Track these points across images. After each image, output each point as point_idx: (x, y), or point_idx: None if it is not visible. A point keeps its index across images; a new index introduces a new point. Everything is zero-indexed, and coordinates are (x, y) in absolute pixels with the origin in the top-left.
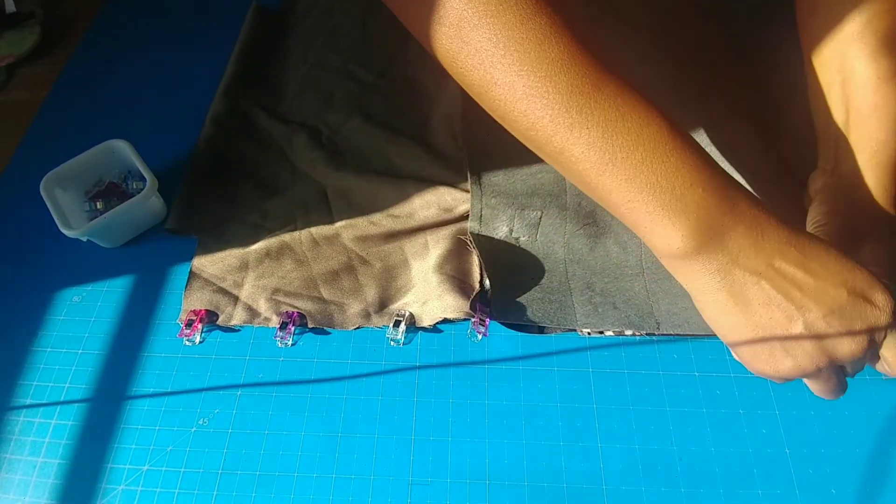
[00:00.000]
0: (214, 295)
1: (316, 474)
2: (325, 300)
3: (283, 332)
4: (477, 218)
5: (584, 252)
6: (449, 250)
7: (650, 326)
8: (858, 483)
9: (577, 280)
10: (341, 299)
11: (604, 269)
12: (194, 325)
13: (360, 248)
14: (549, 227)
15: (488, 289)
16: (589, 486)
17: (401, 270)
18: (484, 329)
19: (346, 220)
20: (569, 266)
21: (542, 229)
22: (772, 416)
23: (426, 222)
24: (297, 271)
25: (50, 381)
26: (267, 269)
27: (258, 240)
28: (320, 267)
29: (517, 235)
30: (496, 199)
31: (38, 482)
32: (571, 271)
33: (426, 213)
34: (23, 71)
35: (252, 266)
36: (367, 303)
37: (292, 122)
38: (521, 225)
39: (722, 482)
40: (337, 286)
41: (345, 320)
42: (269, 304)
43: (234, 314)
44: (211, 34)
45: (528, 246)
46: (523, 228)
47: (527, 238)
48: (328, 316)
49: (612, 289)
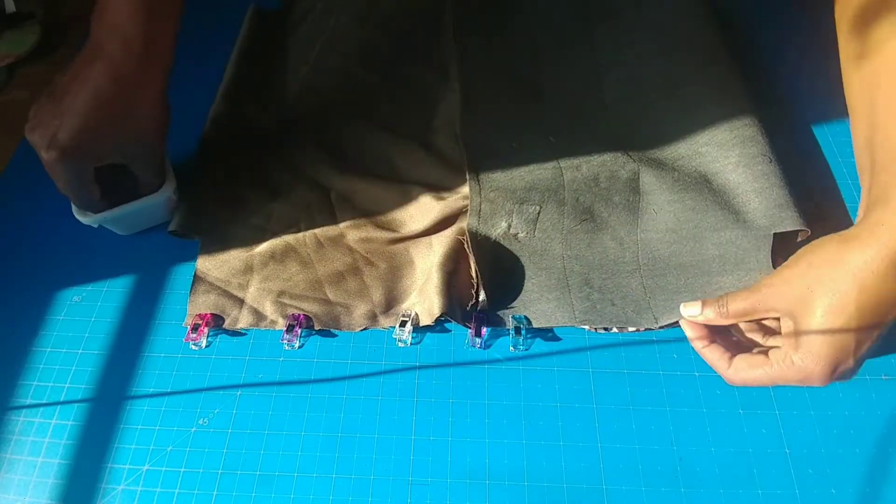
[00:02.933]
0: (220, 298)
1: (316, 474)
2: (330, 302)
3: (290, 335)
4: (476, 213)
5: (582, 248)
6: (452, 249)
7: (648, 322)
8: (858, 483)
9: (576, 276)
10: (347, 301)
11: (601, 265)
12: (200, 329)
13: (365, 249)
14: (548, 222)
15: (483, 301)
16: (589, 486)
17: (406, 271)
18: (480, 340)
19: (351, 221)
20: (567, 262)
21: (540, 224)
22: (772, 416)
23: (430, 229)
24: (303, 273)
25: (50, 381)
26: (272, 271)
27: (262, 242)
28: (325, 269)
29: (515, 231)
30: (495, 192)
31: (38, 482)
32: (569, 267)
33: (430, 219)
34: (23, 71)
35: (257, 269)
36: (373, 304)
37: (294, 125)
38: (519, 220)
39: (722, 482)
40: (342, 288)
41: (351, 322)
42: (275, 306)
43: (241, 317)
44: (210, 36)
45: (526, 242)
46: (522, 224)
47: (525, 234)
48: (334, 318)
49: (610, 285)
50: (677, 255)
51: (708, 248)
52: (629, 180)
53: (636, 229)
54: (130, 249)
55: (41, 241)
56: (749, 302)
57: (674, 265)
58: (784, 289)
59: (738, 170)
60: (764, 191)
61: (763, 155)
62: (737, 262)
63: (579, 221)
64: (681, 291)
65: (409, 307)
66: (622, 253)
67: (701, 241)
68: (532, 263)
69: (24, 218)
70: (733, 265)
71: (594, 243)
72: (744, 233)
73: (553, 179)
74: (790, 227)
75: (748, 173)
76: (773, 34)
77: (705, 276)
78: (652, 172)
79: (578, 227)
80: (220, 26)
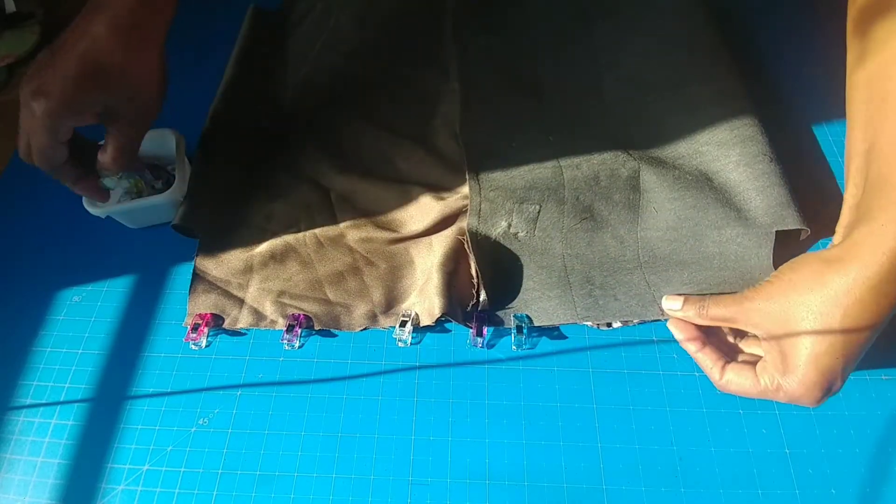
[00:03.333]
0: (219, 298)
1: (316, 474)
2: (330, 302)
3: (290, 335)
4: (476, 213)
5: (582, 246)
6: (452, 249)
7: (654, 314)
8: (858, 483)
9: (577, 274)
10: (347, 301)
11: (602, 263)
12: (200, 329)
13: (365, 249)
14: (548, 221)
15: (485, 299)
16: (589, 486)
17: (407, 271)
18: (482, 340)
19: (352, 221)
20: (567, 261)
21: (540, 223)
22: (772, 416)
23: (431, 229)
24: (303, 273)
25: (50, 381)
26: (272, 271)
27: (262, 242)
28: (326, 269)
29: (515, 231)
30: (494, 192)
31: (38, 482)
32: (570, 266)
33: (430, 220)
34: (23, 71)
35: (257, 269)
36: (373, 304)
37: (294, 125)
38: (519, 219)
39: (722, 482)
40: (343, 288)
41: (351, 322)
42: (275, 306)
43: (240, 317)
44: (210, 36)
45: (526, 241)
46: (522, 223)
47: (525, 233)
48: (334, 318)
49: (612, 282)
50: (678, 253)
51: (708, 246)
52: (629, 178)
53: (636, 227)
54: (130, 249)
55: (41, 241)
56: (730, 311)
57: (675, 262)
58: (764, 306)
59: (738, 168)
60: (765, 189)
61: (763, 154)
62: (737, 259)
63: (579, 220)
64: (686, 283)
65: (409, 307)
66: (623, 251)
67: (701, 239)
68: (532, 262)
69: (24, 218)
70: (734, 262)
71: (594, 242)
72: (745, 230)
73: (553, 178)
74: (791, 225)
75: (749, 172)
76: (772, 34)
77: (706, 272)
78: (652, 170)
79: (578, 225)
80: (220, 26)
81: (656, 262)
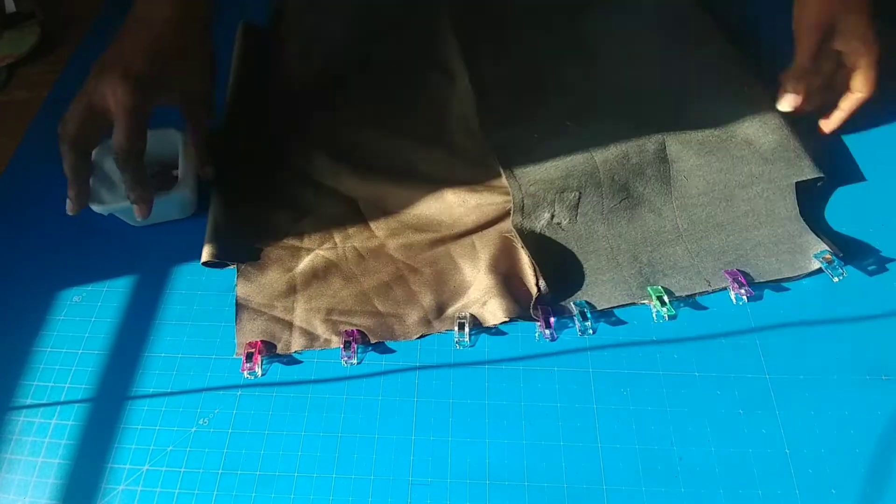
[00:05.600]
0: (267, 324)
1: (316, 474)
2: (381, 313)
3: (349, 352)
4: (519, 209)
5: (624, 225)
6: (499, 249)
7: (701, 286)
8: (858, 483)
9: (624, 254)
10: (397, 310)
11: (645, 239)
12: (254, 357)
13: (406, 256)
14: (588, 205)
15: (544, 289)
16: (589, 486)
17: (451, 273)
18: (550, 331)
19: (388, 228)
20: (612, 241)
21: (581, 209)
22: (772, 416)
23: (470, 226)
24: (348, 289)
25: (50, 381)
26: (316, 290)
27: (300, 261)
28: (370, 281)
29: (559, 220)
30: (535, 186)
31: (38, 482)
32: (615, 246)
33: (469, 217)
34: (23, 71)
35: (300, 289)
36: (424, 310)
37: (304, 139)
38: (561, 208)
39: (722, 482)
40: (391, 297)
41: (406, 330)
42: (326, 324)
43: (293, 340)
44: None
45: (570, 229)
46: (564, 212)
47: (568, 221)
48: (388, 329)
49: (658, 256)
50: (713, 216)
51: (739, 205)
52: (657, 151)
53: (671, 198)
54: (131, 250)
55: (41, 241)
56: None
57: (712, 225)
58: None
59: (753, 125)
60: (782, 142)
61: (772, 110)
62: (767, 214)
63: (618, 200)
64: (726, 251)
65: (461, 308)
66: (662, 223)
67: (732, 200)
68: (579, 248)
69: (24, 218)
70: (765, 218)
71: (634, 218)
72: (768, 185)
73: (586, 163)
74: (808, 175)
75: (762, 128)
76: (773, 34)
77: (743, 233)
78: (676, 138)
79: (618, 205)
80: (222, 24)
81: (695, 228)
